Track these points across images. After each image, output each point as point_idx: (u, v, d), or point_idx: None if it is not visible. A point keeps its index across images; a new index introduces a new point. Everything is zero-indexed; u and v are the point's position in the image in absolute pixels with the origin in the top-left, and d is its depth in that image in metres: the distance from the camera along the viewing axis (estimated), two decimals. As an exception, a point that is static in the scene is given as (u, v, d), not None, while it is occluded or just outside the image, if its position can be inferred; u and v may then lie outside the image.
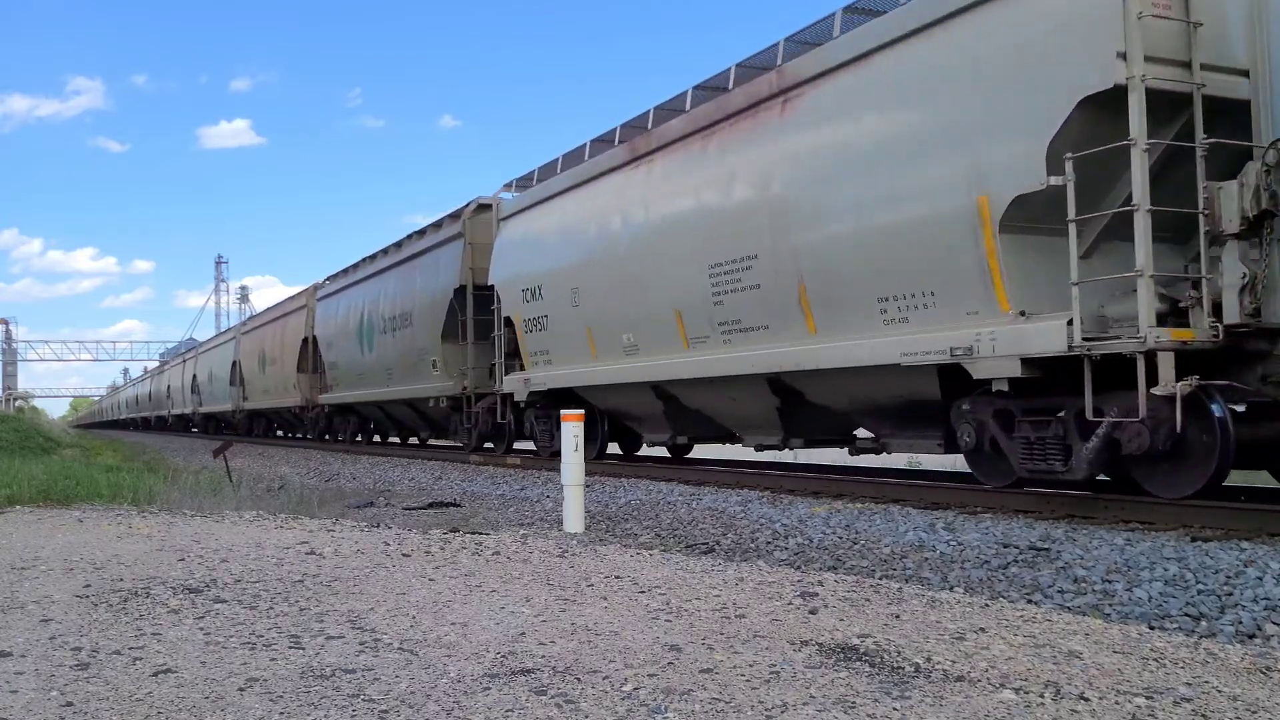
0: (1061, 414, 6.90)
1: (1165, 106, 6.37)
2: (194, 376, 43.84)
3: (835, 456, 11.19)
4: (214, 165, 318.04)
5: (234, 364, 34.15)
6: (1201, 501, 6.42)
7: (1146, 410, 6.19)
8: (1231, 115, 6.35)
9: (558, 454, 12.19)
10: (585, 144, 12.97)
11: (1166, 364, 6.14)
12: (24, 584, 4.53)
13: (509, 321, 14.33)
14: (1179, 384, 6.03)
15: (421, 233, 18.93)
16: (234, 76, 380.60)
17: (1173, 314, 6.41)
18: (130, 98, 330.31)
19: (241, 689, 2.88)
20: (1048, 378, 6.80)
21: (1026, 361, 6.78)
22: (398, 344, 19.15)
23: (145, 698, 2.80)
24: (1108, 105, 6.29)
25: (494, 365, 14.98)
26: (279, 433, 34.23)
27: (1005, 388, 7.03)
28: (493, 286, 14.76)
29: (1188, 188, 6.31)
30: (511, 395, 14.36)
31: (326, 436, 26.41)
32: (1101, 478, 7.45)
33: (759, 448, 10.61)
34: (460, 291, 16.22)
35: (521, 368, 14.10)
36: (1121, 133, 6.19)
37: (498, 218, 15.15)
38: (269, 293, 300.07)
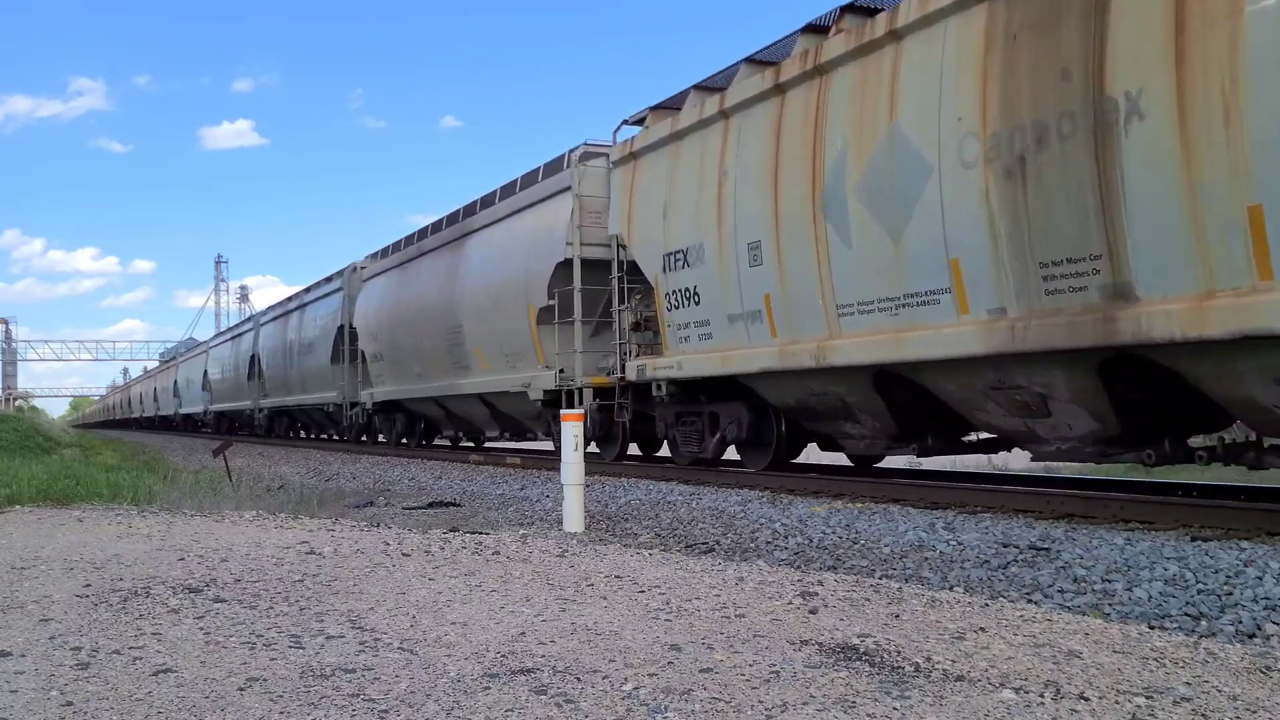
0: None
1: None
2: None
3: (835, 456, 11.18)
4: (215, 166, 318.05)
5: (252, 357, 30.28)
6: (1202, 501, 6.43)
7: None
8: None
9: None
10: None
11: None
12: (24, 584, 4.53)
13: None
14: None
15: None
16: (236, 77, 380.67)
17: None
18: (132, 98, 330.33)
19: (241, 689, 2.88)
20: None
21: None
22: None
23: (145, 697, 2.80)
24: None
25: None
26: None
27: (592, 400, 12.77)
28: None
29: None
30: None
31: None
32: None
33: None
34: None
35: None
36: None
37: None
38: (269, 292, 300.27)
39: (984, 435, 8.62)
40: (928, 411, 8.23)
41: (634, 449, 14.11)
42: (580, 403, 12.68)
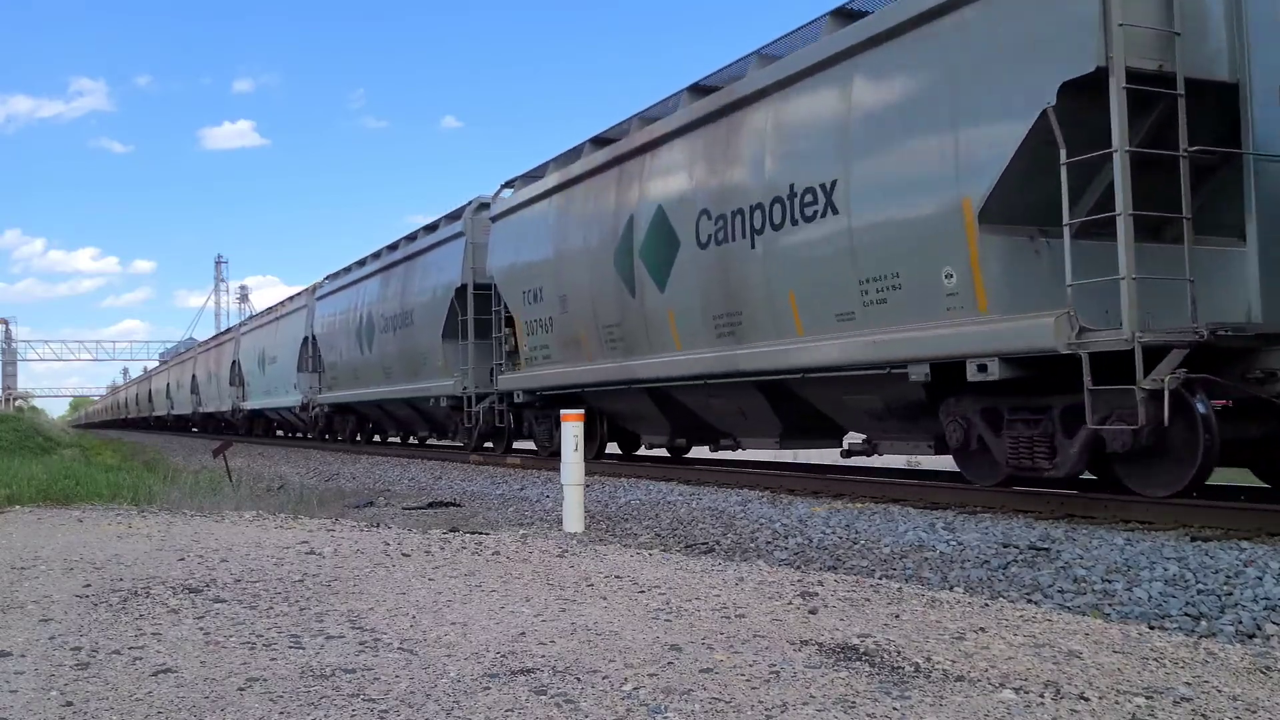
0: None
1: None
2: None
3: (834, 456, 11.17)
4: (216, 166, 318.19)
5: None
6: (1201, 501, 6.43)
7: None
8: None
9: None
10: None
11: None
12: (24, 584, 4.53)
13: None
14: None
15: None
16: (237, 78, 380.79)
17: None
18: (133, 99, 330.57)
19: (241, 689, 2.88)
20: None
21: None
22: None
23: (145, 697, 2.80)
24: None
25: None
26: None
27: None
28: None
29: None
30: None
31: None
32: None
33: None
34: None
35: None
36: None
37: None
38: (270, 292, 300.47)
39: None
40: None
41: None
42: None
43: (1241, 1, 6.72)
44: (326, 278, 24.98)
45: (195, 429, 45.20)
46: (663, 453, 14.22)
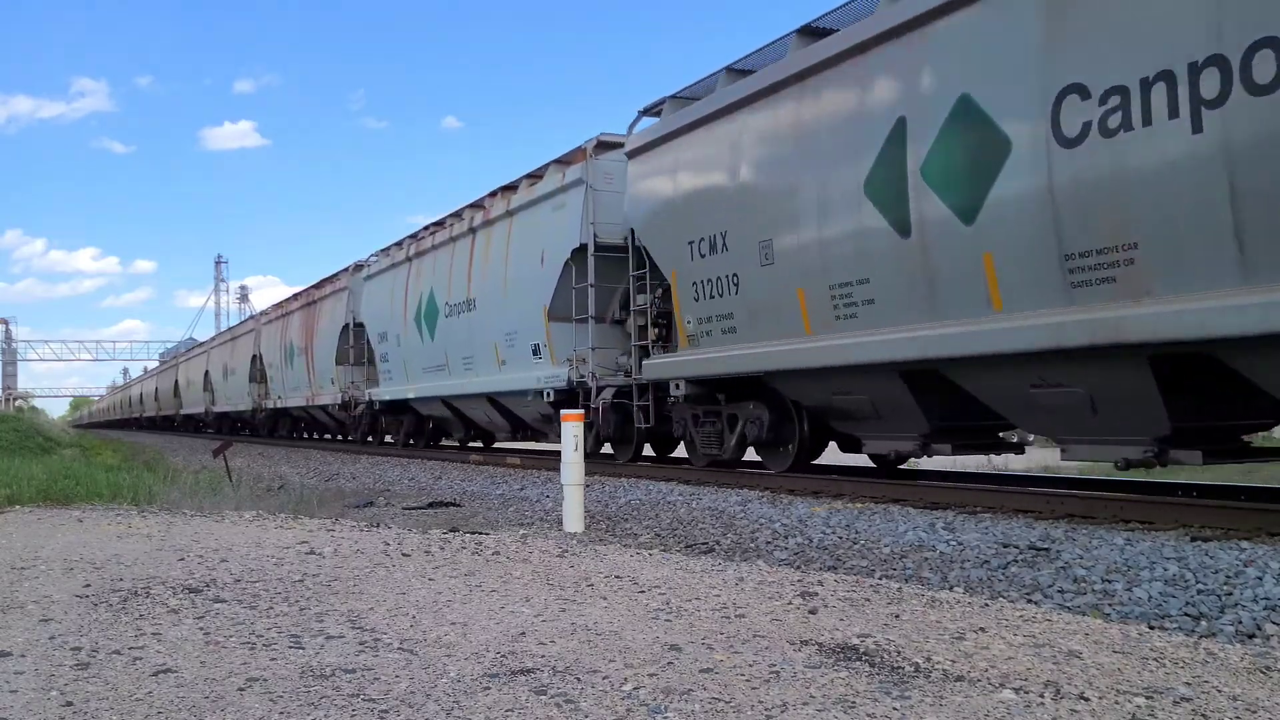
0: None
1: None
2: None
3: (833, 456, 11.18)
4: (217, 166, 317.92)
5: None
6: (1202, 501, 6.43)
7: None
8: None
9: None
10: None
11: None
12: (24, 584, 4.53)
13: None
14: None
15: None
16: (238, 78, 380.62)
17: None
18: (134, 99, 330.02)
19: (241, 689, 2.88)
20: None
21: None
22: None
23: (145, 698, 2.80)
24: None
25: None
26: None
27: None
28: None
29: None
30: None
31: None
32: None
33: None
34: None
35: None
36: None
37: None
38: (270, 292, 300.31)
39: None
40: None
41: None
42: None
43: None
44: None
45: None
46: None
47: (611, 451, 13.24)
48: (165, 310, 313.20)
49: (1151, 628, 4.14)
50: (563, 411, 8.15)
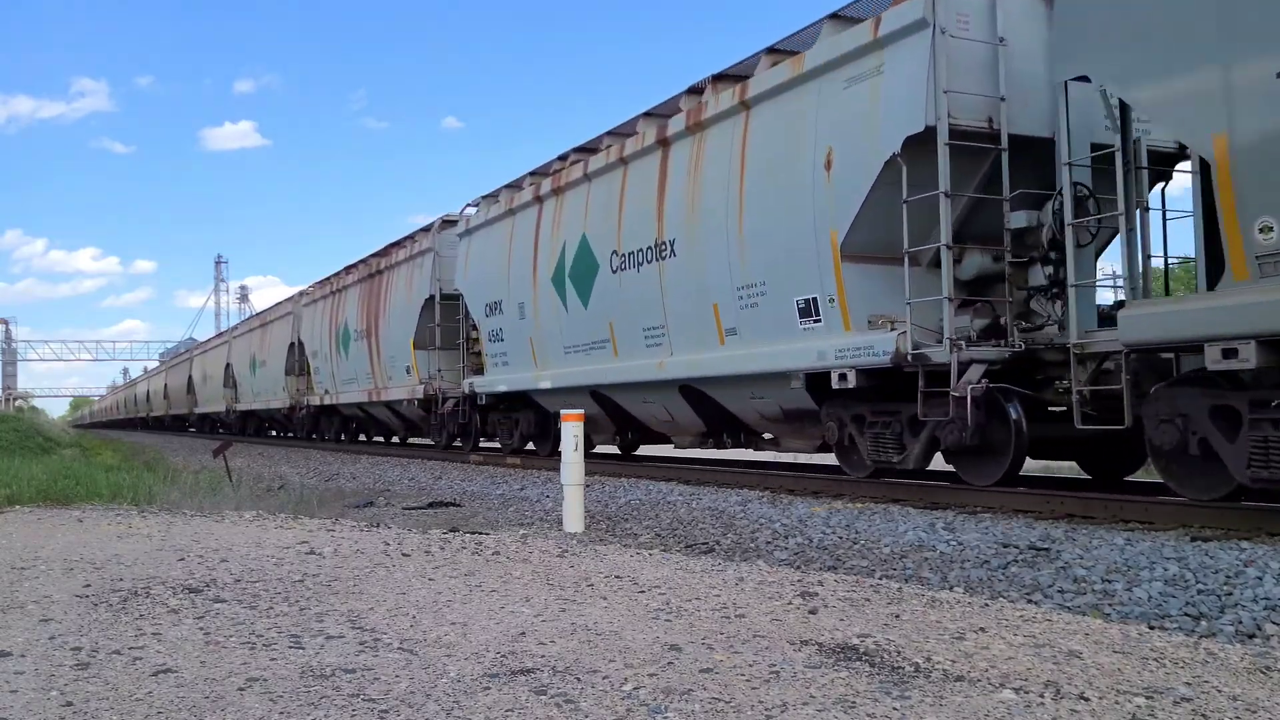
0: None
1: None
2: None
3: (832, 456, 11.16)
4: (217, 167, 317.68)
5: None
6: (1201, 501, 6.43)
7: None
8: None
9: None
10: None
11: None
12: (24, 584, 4.53)
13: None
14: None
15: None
16: (238, 78, 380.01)
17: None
18: (134, 99, 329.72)
19: (241, 689, 2.88)
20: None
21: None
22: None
23: (145, 698, 2.80)
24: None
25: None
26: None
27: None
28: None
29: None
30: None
31: (458, 442, 18.53)
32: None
33: None
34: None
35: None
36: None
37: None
38: (270, 292, 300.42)
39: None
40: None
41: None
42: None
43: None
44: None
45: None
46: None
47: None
48: (165, 310, 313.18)
49: (1151, 628, 4.14)
50: (563, 412, 8.12)
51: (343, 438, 24.86)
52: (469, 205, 16.51)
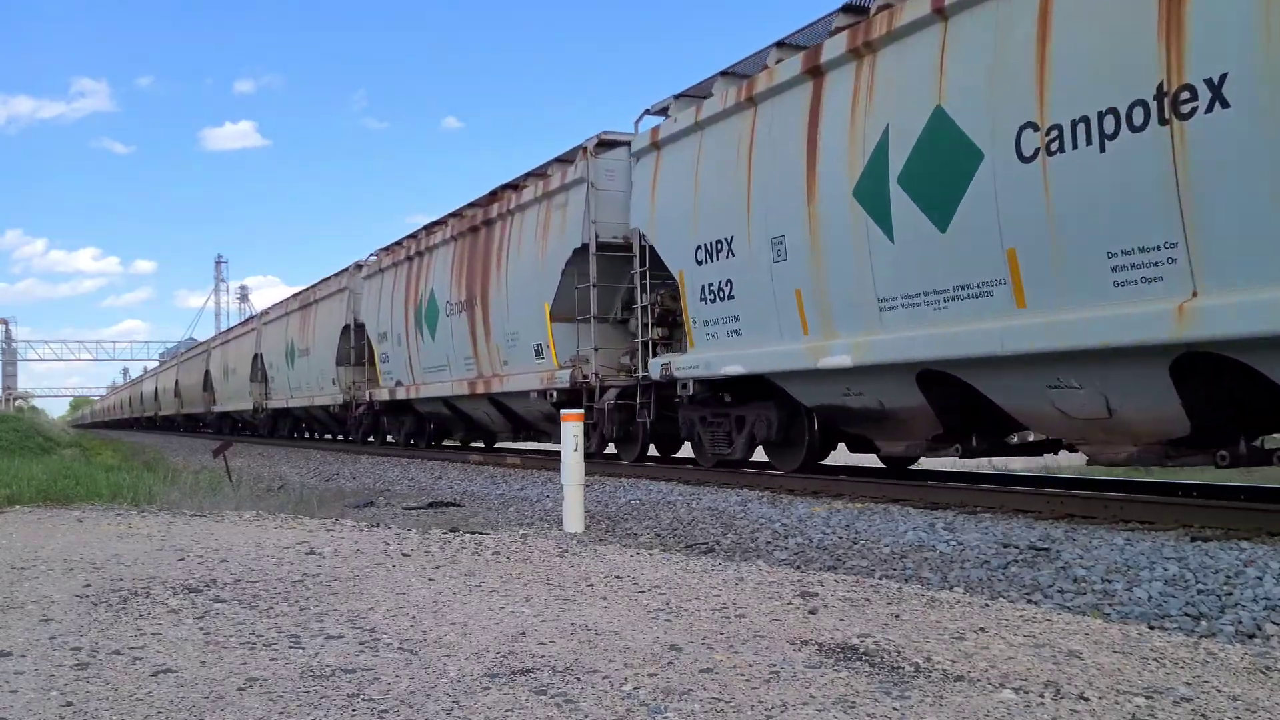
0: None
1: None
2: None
3: (832, 456, 11.17)
4: (217, 167, 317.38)
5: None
6: (1202, 501, 6.44)
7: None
8: None
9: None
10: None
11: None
12: (24, 584, 4.53)
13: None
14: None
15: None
16: (238, 79, 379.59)
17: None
18: (135, 100, 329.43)
19: (241, 689, 2.88)
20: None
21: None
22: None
23: (145, 698, 2.80)
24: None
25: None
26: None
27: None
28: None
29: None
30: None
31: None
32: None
33: None
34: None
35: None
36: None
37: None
38: (270, 292, 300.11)
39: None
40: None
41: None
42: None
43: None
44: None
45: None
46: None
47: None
48: (165, 310, 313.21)
49: (1151, 628, 4.14)
50: (563, 412, 8.16)
51: (412, 442, 19.83)
52: (652, 112, 11.56)
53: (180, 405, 43.98)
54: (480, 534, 6.54)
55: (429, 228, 17.89)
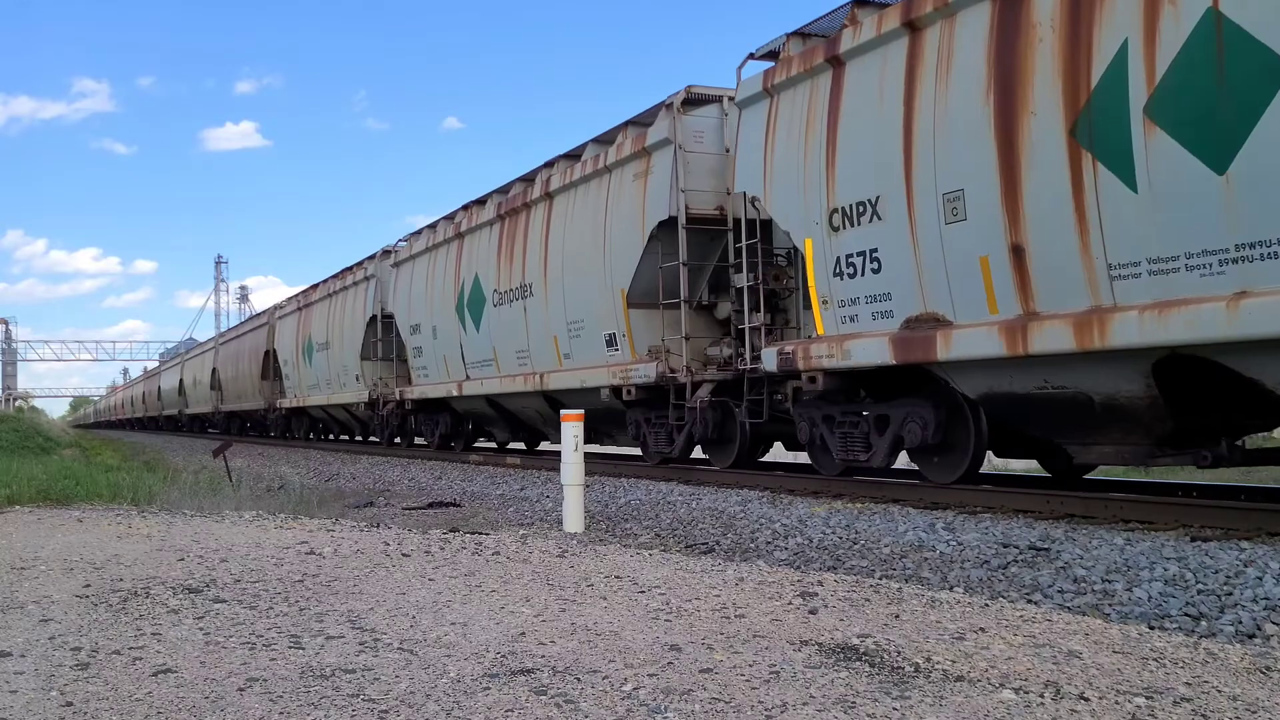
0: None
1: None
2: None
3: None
4: (218, 167, 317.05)
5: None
6: (1202, 501, 6.44)
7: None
8: None
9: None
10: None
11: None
12: (24, 584, 4.53)
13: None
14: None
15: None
16: (239, 79, 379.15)
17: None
18: (135, 100, 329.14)
19: (241, 689, 2.88)
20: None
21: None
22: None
23: (145, 698, 2.80)
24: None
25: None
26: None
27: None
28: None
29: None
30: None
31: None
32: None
33: None
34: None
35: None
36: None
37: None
38: (270, 293, 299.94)
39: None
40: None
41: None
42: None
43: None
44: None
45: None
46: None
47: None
48: (165, 310, 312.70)
49: (1151, 628, 4.14)
50: (563, 413, 8.15)
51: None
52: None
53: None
54: (480, 534, 6.54)
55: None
